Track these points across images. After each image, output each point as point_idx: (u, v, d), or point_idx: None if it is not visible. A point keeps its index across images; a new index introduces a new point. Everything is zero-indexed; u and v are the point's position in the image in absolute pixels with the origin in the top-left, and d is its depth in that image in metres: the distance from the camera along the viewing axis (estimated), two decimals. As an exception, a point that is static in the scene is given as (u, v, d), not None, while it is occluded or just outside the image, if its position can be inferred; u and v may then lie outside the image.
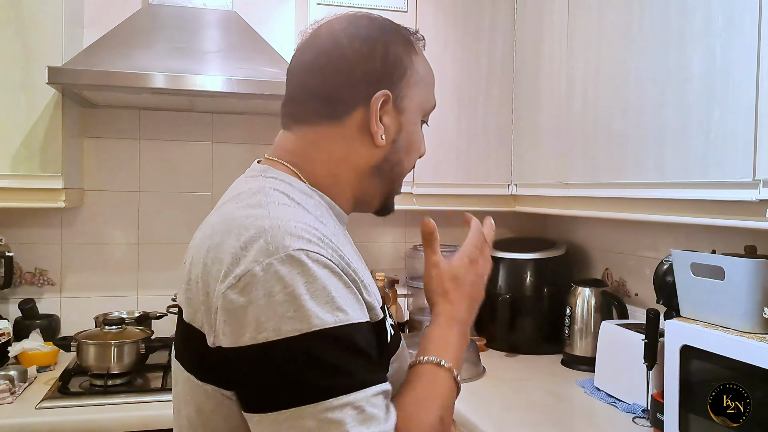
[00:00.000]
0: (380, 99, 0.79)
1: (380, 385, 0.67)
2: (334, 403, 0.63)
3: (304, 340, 0.63)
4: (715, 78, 1.25)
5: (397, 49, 0.82)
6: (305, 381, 0.63)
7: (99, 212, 2.18)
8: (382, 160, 0.83)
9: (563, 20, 1.85)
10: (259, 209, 0.71)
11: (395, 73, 0.81)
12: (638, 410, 1.58)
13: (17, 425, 1.50)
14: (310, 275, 0.65)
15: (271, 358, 0.64)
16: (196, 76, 1.76)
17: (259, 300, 0.64)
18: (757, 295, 1.22)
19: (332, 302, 0.65)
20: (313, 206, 0.76)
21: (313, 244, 0.67)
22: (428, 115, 0.88)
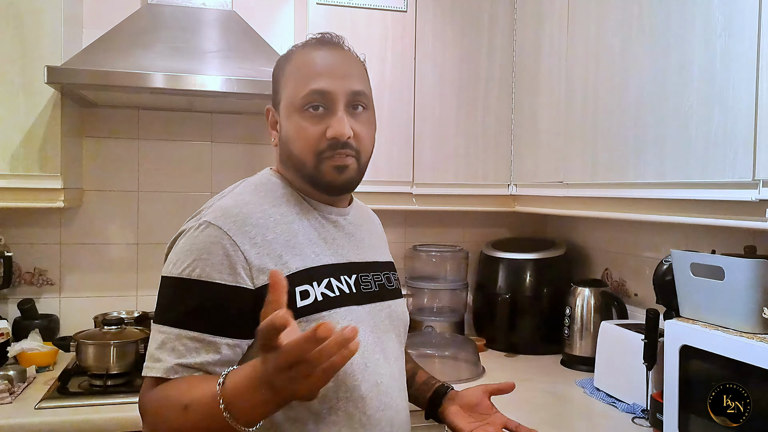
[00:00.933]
0: (267, 113, 1.06)
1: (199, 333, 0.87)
2: (161, 329, 0.89)
3: (167, 281, 0.92)
4: (714, 78, 1.25)
5: (277, 68, 1.04)
6: (160, 307, 0.92)
7: (98, 212, 2.18)
8: (281, 156, 1.04)
9: (563, 20, 1.85)
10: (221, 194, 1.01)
11: (275, 86, 1.05)
12: (638, 410, 1.58)
13: (16, 425, 1.49)
14: (198, 239, 0.91)
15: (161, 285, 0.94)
16: (195, 76, 1.76)
17: (173, 248, 0.95)
18: (757, 296, 1.22)
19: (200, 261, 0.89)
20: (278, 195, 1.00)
21: (220, 218, 0.92)
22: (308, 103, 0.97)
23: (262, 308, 0.72)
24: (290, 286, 0.82)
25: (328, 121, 0.97)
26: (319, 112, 0.97)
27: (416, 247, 2.35)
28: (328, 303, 0.94)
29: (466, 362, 1.93)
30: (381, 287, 1.07)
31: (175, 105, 2.13)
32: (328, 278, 0.96)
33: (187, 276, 0.89)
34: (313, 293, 0.93)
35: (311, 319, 0.91)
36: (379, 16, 2.06)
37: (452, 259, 2.33)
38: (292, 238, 0.95)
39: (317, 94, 0.96)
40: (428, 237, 2.47)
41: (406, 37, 2.10)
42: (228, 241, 0.90)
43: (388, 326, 1.05)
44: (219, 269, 0.88)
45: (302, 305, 0.91)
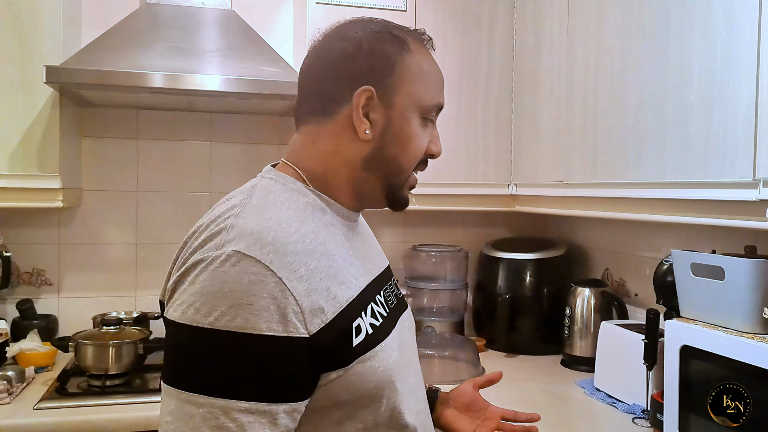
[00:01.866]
0: (362, 94, 0.82)
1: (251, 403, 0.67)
2: (197, 399, 0.67)
3: (193, 331, 0.68)
4: (715, 77, 1.25)
5: (383, 46, 0.85)
6: (184, 367, 0.70)
7: (97, 212, 2.17)
8: (371, 154, 0.85)
9: (563, 20, 1.84)
10: (235, 209, 0.77)
11: (381, 69, 0.84)
12: (638, 410, 1.58)
13: (15, 426, 1.49)
14: (231, 277, 0.69)
15: (173, 336, 0.71)
16: (194, 76, 1.76)
17: (185, 284, 0.72)
18: (757, 296, 1.22)
19: (238, 307, 0.67)
20: (300, 206, 0.81)
21: (254, 247, 0.70)
22: (430, 113, 0.89)
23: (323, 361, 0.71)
24: (346, 322, 0.75)
25: (429, 133, 0.91)
26: (426, 124, 0.90)
27: (416, 247, 2.35)
28: (378, 335, 0.80)
29: (466, 362, 1.92)
30: (397, 297, 0.96)
31: (174, 105, 2.12)
32: (371, 304, 0.82)
33: (224, 327, 0.67)
34: (364, 326, 0.78)
35: (366, 358, 0.76)
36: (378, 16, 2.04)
37: (452, 259, 2.33)
38: (332, 262, 0.77)
39: (437, 108, 0.91)
40: (428, 237, 2.47)
41: (405, 37, 2.09)
42: (272, 279, 0.69)
43: (410, 340, 0.95)
44: (266, 317, 0.68)
45: (357, 343, 0.76)
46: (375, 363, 0.77)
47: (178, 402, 0.68)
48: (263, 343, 0.68)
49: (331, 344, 0.72)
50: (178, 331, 0.70)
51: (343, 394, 0.75)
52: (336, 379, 0.74)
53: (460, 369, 1.90)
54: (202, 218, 0.80)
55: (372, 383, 0.77)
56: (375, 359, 0.77)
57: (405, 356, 0.87)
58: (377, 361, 0.77)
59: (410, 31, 0.90)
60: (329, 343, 0.72)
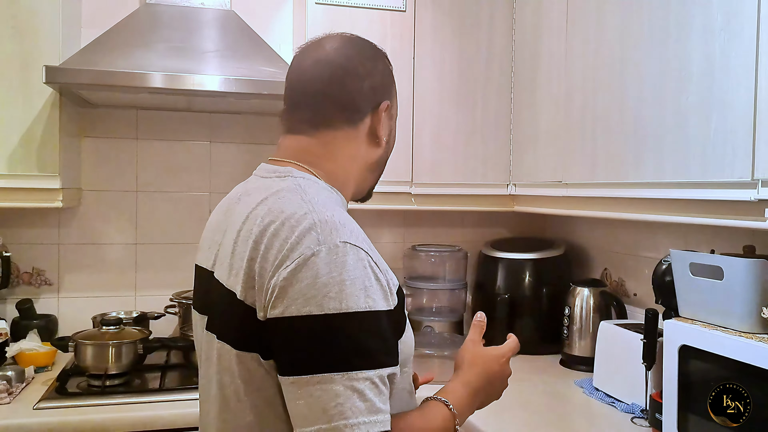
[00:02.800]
0: (384, 108, 0.97)
1: (392, 368, 0.79)
2: (359, 375, 0.75)
3: (340, 318, 0.75)
4: (714, 77, 1.25)
5: (388, 66, 1.01)
6: (338, 352, 0.75)
7: (97, 212, 2.17)
8: (380, 158, 1.01)
9: (562, 20, 1.85)
10: (306, 205, 0.83)
11: (390, 85, 1.01)
12: (637, 410, 1.58)
13: (15, 426, 1.49)
14: (349, 264, 0.78)
15: (311, 329, 0.75)
16: (194, 76, 1.76)
17: (307, 279, 0.76)
18: (756, 295, 1.22)
19: (365, 290, 0.77)
20: (334, 202, 0.90)
21: (353, 238, 0.81)
22: None
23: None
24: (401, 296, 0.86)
25: None
26: None
27: (415, 247, 2.35)
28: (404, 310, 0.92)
29: (465, 362, 1.92)
30: None
31: (173, 105, 2.12)
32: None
33: (358, 308, 0.77)
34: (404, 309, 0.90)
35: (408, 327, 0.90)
36: (377, 16, 2.06)
37: (451, 259, 2.33)
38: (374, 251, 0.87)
39: None
40: (427, 237, 2.47)
41: (405, 37, 2.09)
42: (370, 263, 0.81)
43: None
44: (381, 295, 0.80)
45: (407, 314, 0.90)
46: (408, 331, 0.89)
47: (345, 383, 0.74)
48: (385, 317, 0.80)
49: (401, 314, 0.85)
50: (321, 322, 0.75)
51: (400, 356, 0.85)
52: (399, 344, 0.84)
53: (459, 369, 1.90)
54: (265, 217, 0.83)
55: (409, 347, 0.90)
56: (408, 328, 0.90)
57: None
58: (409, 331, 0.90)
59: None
60: (401, 314, 0.85)
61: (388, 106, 0.98)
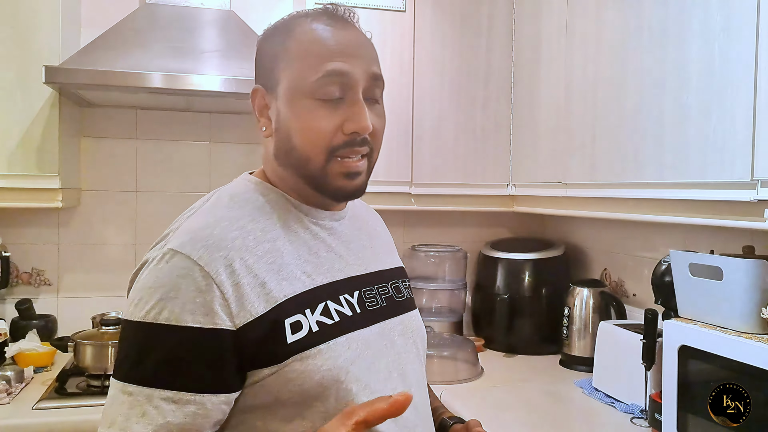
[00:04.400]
0: (254, 95, 0.87)
1: (173, 392, 0.71)
2: (126, 388, 0.72)
3: (129, 325, 0.75)
4: (713, 78, 1.25)
5: (270, 41, 0.87)
6: (121, 359, 0.75)
7: (96, 212, 2.17)
8: (276, 150, 0.86)
9: (561, 20, 1.85)
10: (189, 211, 0.84)
11: (268, 65, 0.85)
12: (636, 410, 1.58)
13: (14, 426, 1.49)
14: (162, 272, 0.74)
15: (121, 331, 0.77)
16: (193, 76, 1.76)
17: (135, 284, 0.78)
18: (755, 296, 1.22)
19: (165, 301, 0.72)
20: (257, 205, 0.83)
21: (187, 244, 0.75)
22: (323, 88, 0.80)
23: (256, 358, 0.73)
24: (279, 318, 0.75)
25: (344, 110, 0.81)
26: (334, 100, 0.81)
27: (415, 247, 2.35)
28: (325, 333, 0.78)
29: (465, 362, 1.93)
30: (389, 300, 0.91)
31: (173, 105, 2.12)
32: (324, 302, 0.80)
33: (153, 320, 0.72)
34: (307, 323, 0.77)
35: (306, 356, 0.75)
36: (377, 16, 2.06)
37: (451, 259, 2.33)
38: (278, 258, 0.78)
39: (336, 76, 0.80)
40: (427, 237, 2.47)
41: (404, 37, 2.10)
42: (199, 273, 0.72)
43: (402, 346, 0.89)
44: (191, 309, 0.71)
45: (294, 339, 0.75)
46: (318, 361, 0.76)
47: (114, 391, 0.73)
48: (188, 335, 0.71)
49: (261, 339, 0.73)
50: (122, 326, 0.77)
51: (283, 391, 0.75)
52: (270, 376, 0.74)
53: (458, 369, 1.90)
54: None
55: (314, 382, 0.75)
56: (319, 357, 0.76)
57: (379, 359, 0.83)
58: (321, 360, 0.76)
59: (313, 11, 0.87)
60: (258, 337, 0.73)
61: (258, 91, 0.86)
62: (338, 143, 0.81)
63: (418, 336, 0.95)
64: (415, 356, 0.92)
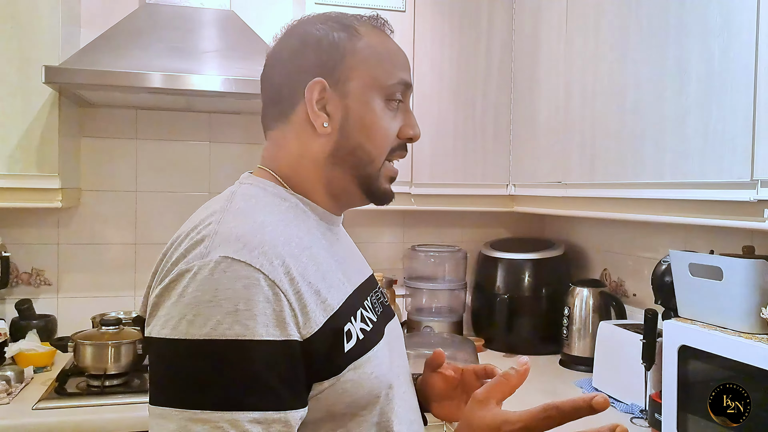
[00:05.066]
0: (314, 88, 0.79)
1: (260, 413, 0.64)
2: (199, 415, 0.63)
3: (185, 345, 0.64)
4: (712, 78, 1.25)
5: (330, 36, 0.82)
6: (182, 384, 0.64)
7: (96, 212, 2.17)
8: (335, 148, 0.81)
9: (561, 20, 1.85)
10: (216, 215, 0.74)
11: (331, 59, 0.81)
12: (636, 410, 1.58)
13: (14, 426, 1.49)
14: (222, 283, 0.65)
15: (163, 353, 0.66)
16: (193, 76, 1.76)
17: (173, 297, 0.67)
18: (755, 296, 1.22)
19: (234, 314, 0.64)
20: (282, 210, 0.78)
21: (245, 251, 0.68)
22: (393, 93, 0.82)
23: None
24: (338, 326, 0.72)
25: (401, 117, 0.84)
26: (395, 106, 0.83)
27: (415, 247, 2.35)
28: (369, 339, 0.77)
29: (465, 362, 1.92)
30: (382, 305, 0.91)
31: (173, 105, 2.12)
32: (359, 309, 0.79)
33: (221, 336, 0.64)
34: (354, 331, 0.75)
35: (359, 364, 0.74)
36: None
37: (451, 260, 2.33)
38: (319, 265, 0.75)
39: (403, 86, 0.83)
40: (427, 237, 2.47)
41: (404, 37, 2.09)
42: (265, 282, 0.67)
43: (399, 350, 0.90)
44: (264, 321, 0.65)
45: (349, 348, 0.73)
46: (368, 369, 0.75)
47: (180, 422, 0.63)
48: (264, 349, 0.65)
49: (325, 349, 0.70)
50: (171, 347, 0.65)
51: (337, 403, 0.73)
52: (328, 388, 0.72)
53: (458, 369, 1.90)
54: (181, 228, 0.77)
55: (366, 390, 0.74)
56: (368, 365, 0.75)
57: (396, 364, 0.84)
58: (370, 367, 0.75)
59: (360, 17, 0.87)
60: (323, 348, 0.70)
61: (322, 85, 0.79)
62: (394, 146, 0.84)
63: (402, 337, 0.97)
64: (405, 359, 0.93)
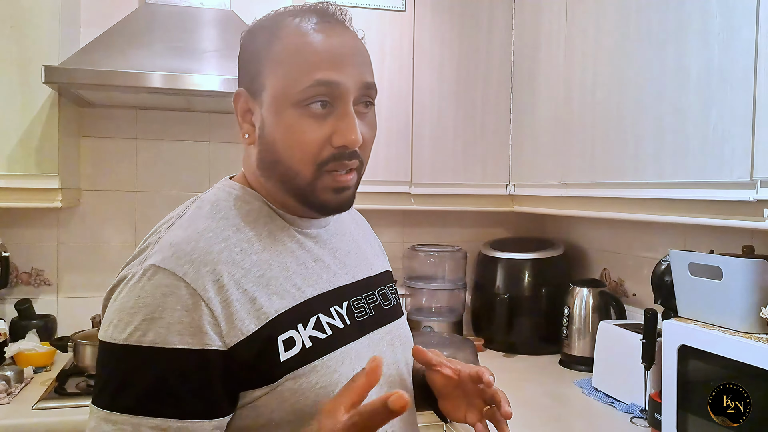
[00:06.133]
0: (236, 99, 0.81)
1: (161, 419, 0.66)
2: (110, 416, 0.67)
3: (109, 348, 0.69)
4: (712, 78, 1.25)
5: (255, 43, 0.80)
6: (102, 385, 0.69)
7: (96, 212, 2.17)
8: (259, 159, 0.80)
9: (561, 20, 1.85)
10: (168, 221, 0.78)
11: (252, 68, 0.80)
12: (636, 410, 1.58)
13: (14, 426, 1.49)
14: (145, 290, 0.69)
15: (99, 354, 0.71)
16: (193, 76, 1.76)
17: (113, 303, 0.71)
18: (755, 295, 1.22)
19: (150, 321, 0.67)
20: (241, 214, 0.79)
21: (172, 259, 0.70)
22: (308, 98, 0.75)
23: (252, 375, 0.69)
24: (272, 335, 0.71)
25: (332, 122, 0.76)
26: (322, 111, 0.75)
27: (414, 247, 2.35)
28: (319, 348, 0.75)
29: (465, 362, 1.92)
30: (376, 309, 0.88)
31: (173, 105, 2.12)
32: (316, 316, 0.77)
33: (137, 342, 0.66)
34: (300, 339, 0.73)
35: (300, 374, 0.72)
36: (377, 16, 2.06)
37: (451, 259, 2.33)
38: (266, 271, 0.74)
39: (324, 86, 0.74)
40: (426, 237, 2.47)
41: (404, 38, 2.10)
42: (185, 291, 0.68)
43: (392, 356, 0.87)
44: (179, 330, 0.67)
45: (287, 357, 0.72)
46: (313, 379, 0.73)
47: (96, 420, 0.67)
48: (176, 357, 0.66)
49: (253, 358, 0.69)
50: (101, 349, 0.70)
51: (276, 412, 0.71)
52: (263, 396, 0.71)
53: (458, 369, 1.90)
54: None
55: (310, 400, 0.72)
56: (314, 374, 0.73)
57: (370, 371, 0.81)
58: (316, 377, 0.73)
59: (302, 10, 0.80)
60: (251, 357, 0.69)
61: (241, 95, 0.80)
62: (326, 156, 0.76)
63: (407, 345, 0.92)
64: (404, 365, 0.89)
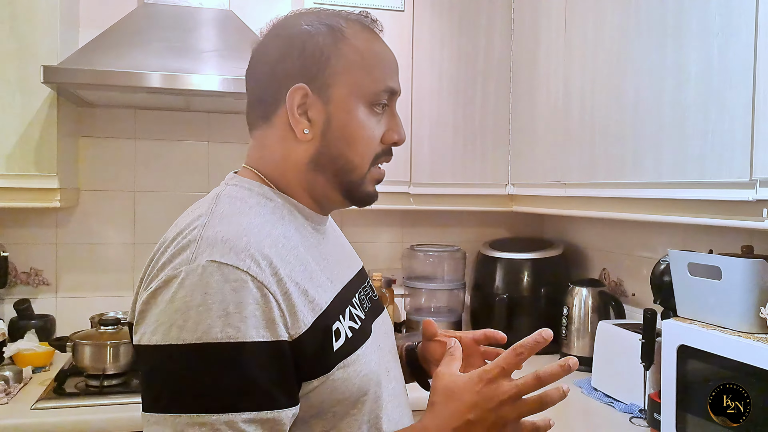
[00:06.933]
0: (295, 93, 0.79)
1: (254, 413, 0.65)
2: (195, 419, 0.64)
3: (178, 350, 0.65)
4: (712, 78, 1.25)
5: (316, 40, 0.80)
6: (176, 389, 0.65)
7: (94, 212, 2.17)
8: (316, 155, 0.81)
9: (560, 19, 1.85)
10: (201, 219, 0.74)
11: (315, 64, 0.80)
12: (635, 410, 1.58)
13: (12, 426, 1.49)
14: (211, 287, 0.66)
15: (155, 360, 0.67)
16: (192, 76, 1.76)
17: (162, 304, 0.67)
18: (754, 295, 1.22)
19: (224, 317, 0.65)
20: (268, 210, 0.78)
21: (231, 254, 0.68)
22: (378, 100, 0.81)
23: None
24: (327, 325, 0.73)
25: (386, 121, 0.83)
26: (381, 112, 0.82)
27: (414, 247, 2.35)
28: (357, 337, 0.78)
29: (464, 362, 1.93)
30: (371, 301, 0.92)
31: (171, 105, 2.12)
32: (348, 307, 0.80)
33: (214, 340, 0.64)
34: (343, 330, 0.76)
35: (348, 363, 0.74)
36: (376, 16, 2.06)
37: (450, 259, 2.33)
38: (306, 265, 0.76)
39: (390, 93, 0.83)
40: (426, 237, 2.47)
41: (403, 37, 2.09)
42: (253, 284, 0.67)
43: (388, 345, 0.91)
44: (254, 323, 0.66)
45: (337, 347, 0.74)
46: (357, 367, 0.76)
47: (176, 427, 0.64)
48: (255, 350, 0.66)
49: (314, 349, 0.71)
50: (163, 354, 0.66)
51: (327, 402, 0.73)
52: (318, 387, 0.72)
53: (457, 369, 1.90)
54: (167, 232, 0.77)
55: (355, 388, 0.75)
56: (357, 363, 0.76)
57: (385, 360, 0.84)
58: (359, 365, 0.76)
59: (350, 17, 0.85)
60: (312, 347, 0.71)
61: (304, 90, 0.79)
62: (379, 152, 0.83)
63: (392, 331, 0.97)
64: (395, 354, 0.94)
